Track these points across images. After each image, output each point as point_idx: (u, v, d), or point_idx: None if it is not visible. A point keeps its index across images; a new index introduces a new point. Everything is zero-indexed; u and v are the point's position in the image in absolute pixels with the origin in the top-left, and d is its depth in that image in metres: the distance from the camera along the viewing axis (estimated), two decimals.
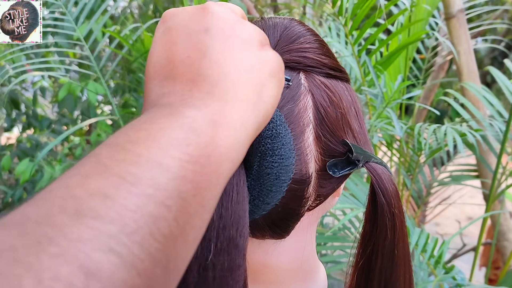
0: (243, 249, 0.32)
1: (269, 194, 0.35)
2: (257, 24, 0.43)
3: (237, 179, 0.33)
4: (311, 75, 0.40)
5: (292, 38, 0.41)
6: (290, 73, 0.40)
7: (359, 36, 1.40)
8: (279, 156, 0.35)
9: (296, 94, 0.39)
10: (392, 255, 0.41)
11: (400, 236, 0.41)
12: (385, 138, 1.70)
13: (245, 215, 0.33)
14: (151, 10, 2.80)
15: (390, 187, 0.40)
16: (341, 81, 0.42)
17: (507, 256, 1.66)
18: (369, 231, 0.42)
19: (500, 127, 1.50)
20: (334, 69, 0.42)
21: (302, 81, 0.40)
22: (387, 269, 0.41)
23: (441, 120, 4.07)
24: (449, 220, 3.81)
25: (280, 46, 0.40)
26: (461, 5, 1.66)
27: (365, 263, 0.42)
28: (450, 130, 1.34)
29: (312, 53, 0.41)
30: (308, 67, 0.40)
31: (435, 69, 2.33)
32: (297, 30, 0.42)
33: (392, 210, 0.40)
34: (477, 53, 4.47)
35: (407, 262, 0.43)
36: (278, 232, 0.40)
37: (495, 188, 1.51)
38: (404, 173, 1.79)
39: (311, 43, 0.41)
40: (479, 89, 1.60)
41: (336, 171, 0.39)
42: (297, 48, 0.40)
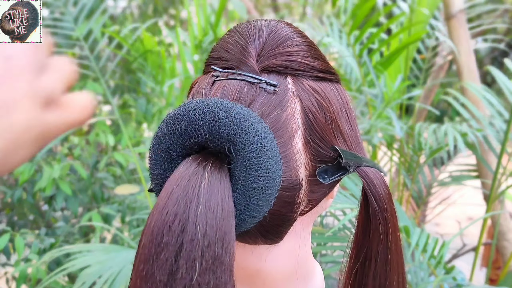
0: (229, 265, 0.31)
1: (256, 208, 0.34)
2: (242, 27, 0.42)
3: (222, 194, 0.33)
4: (299, 79, 0.39)
5: (279, 41, 0.40)
6: (277, 77, 0.39)
7: (359, 37, 1.40)
8: (264, 170, 0.34)
9: (283, 100, 0.38)
10: (386, 260, 0.41)
11: (393, 241, 0.41)
12: (385, 138, 1.70)
13: (231, 231, 0.32)
14: (150, 10, 2.80)
15: (382, 191, 0.40)
16: (331, 82, 0.41)
17: (507, 256, 1.66)
18: (362, 236, 0.41)
19: (500, 127, 1.50)
20: (323, 71, 0.41)
21: (289, 86, 0.39)
22: (381, 275, 0.41)
23: (441, 120, 4.06)
24: (449, 220, 3.81)
25: (266, 50, 0.39)
26: (461, 5, 1.66)
27: (358, 269, 0.42)
28: (451, 129, 1.34)
29: (299, 56, 0.40)
30: (296, 71, 0.39)
31: (435, 69, 2.32)
32: (284, 32, 0.41)
33: (385, 215, 0.39)
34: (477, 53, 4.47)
35: (401, 266, 0.42)
36: (270, 238, 0.39)
37: (495, 188, 1.50)
38: (404, 173, 1.79)
39: (298, 46, 0.40)
40: (479, 88, 1.60)
41: (326, 177, 0.39)
42: (284, 51, 0.39)
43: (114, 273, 1.12)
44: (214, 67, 0.40)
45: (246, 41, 0.40)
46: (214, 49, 0.43)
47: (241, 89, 0.38)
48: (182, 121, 0.35)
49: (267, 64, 0.39)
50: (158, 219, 0.32)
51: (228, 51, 0.41)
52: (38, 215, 2.13)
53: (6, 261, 1.93)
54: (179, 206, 0.32)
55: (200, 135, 0.34)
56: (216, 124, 0.34)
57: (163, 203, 0.32)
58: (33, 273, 1.48)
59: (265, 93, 0.38)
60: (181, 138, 0.35)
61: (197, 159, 0.34)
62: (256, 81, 0.38)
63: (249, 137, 0.34)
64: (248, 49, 0.39)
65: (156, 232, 0.31)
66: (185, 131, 0.35)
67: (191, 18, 1.82)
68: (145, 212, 1.87)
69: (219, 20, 1.63)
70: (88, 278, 1.11)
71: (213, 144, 0.35)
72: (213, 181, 0.33)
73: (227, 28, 2.45)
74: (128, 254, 1.23)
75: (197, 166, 0.34)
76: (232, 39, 0.41)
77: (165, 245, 0.31)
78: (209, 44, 1.70)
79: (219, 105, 0.34)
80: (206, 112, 0.34)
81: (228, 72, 0.39)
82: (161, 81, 1.74)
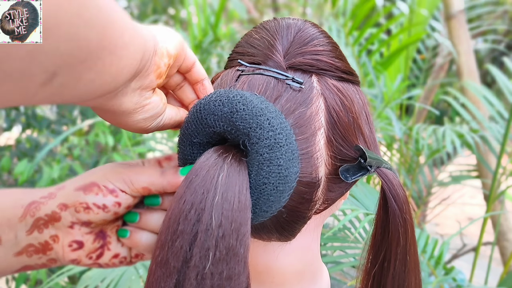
0: (243, 257, 0.32)
1: (267, 203, 0.35)
2: (270, 24, 0.43)
3: (240, 186, 0.33)
4: (323, 78, 0.40)
5: (306, 40, 0.41)
6: (302, 75, 0.39)
7: (358, 37, 1.40)
8: (276, 167, 0.34)
9: (308, 98, 0.38)
10: (405, 261, 0.41)
11: (411, 242, 0.41)
12: (385, 138, 1.70)
13: (247, 223, 0.32)
14: (150, 10, 2.80)
15: (401, 192, 0.40)
16: (352, 84, 0.42)
17: (507, 256, 1.66)
18: (381, 237, 0.41)
19: (500, 127, 1.50)
20: (346, 72, 0.41)
21: (314, 84, 0.39)
22: (400, 276, 0.41)
23: (441, 120, 4.06)
24: (449, 220, 3.81)
25: (293, 48, 0.40)
26: (461, 5, 1.66)
27: (376, 270, 0.42)
28: (449, 131, 1.34)
29: (325, 56, 0.40)
30: (321, 70, 0.40)
31: (435, 69, 2.33)
32: (310, 32, 0.41)
33: (404, 216, 0.40)
34: (477, 53, 4.47)
35: (417, 267, 0.42)
36: (285, 234, 0.40)
37: (495, 188, 1.50)
38: (404, 174, 1.79)
39: (324, 46, 0.41)
40: (479, 88, 1.60)
41: (348, 176, 0.39)
42: (310, 50, 0.40)
43: (117, 276, 1.12)
44: (241, 61, 0.41)
45: (273, 38, 0.41)
46: (239, 44, 0.44)
47: (267, 84, 0.38)
48: (203, 110, 0.36)
49: (294, 62, 0.39)
50: (176, 207, 0.32)
51: (254, 46, 0.42)
52: None
53: None
54: (196, 196, 0.32)
55: (219, 125, 0.35)
56: (233, 116, 0.34)
57: (181, 192, 0.33)
58: (33, 274, 1.47)
59: (291, 90, 0.38)
60: (201, 126, 0.36)
61: (218, 150, 0.35)
62: (283, 77, 0.38)
63: (263, 132, 0.34)
64: (276, 46, 0.40)
65: (173, 220, 0.32)
66: (205, 120, 0.36)
67: (191, 18, 1.82)
68: None
69: (219, 20, 1.63)
70: (90, 281, 1.11)
71: (231, 136, 0.35)
72: (232, 173, 0.33)
73: (227, 28, 2.45)
74: None
75: (217, 158, 0.34)
76: (259, 35, 0.42)
77: (180, 233, 0.32)
78: (209, 44, 1.70)
79: (239, 97, 0.35)
80: (225, 104, 0.35)
81: (255, 67, 0.40)
82: None
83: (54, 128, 2.37)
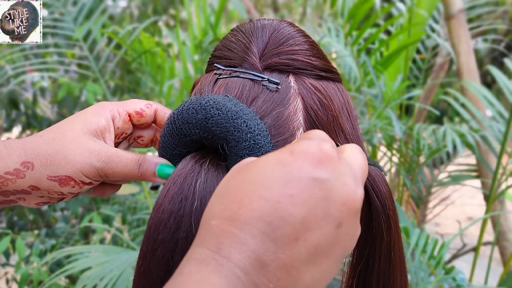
0: None
1: None
2: (245, 26, 0.43)
3: None
4: (301, 78, 0.40)
5: (281, 40, 0.41)
6: (279, 76, 0.39)
7: (358, 37, 1.40)
8: None
9: (286, 98, 0.38)
10: (389, 257, 0.41)
11: (395, 238, 0.41)
12: (385, 138, 1.70)
13: None
14: (150, 10, 2.80)
15: (383, 188, 0.40)
16: (332, 82, 0.42)
17: (507, 256, 1.66)
18: (365, 234, 0.41)
19: (500, 127, 1.50)
20: (325, 70, 0.41)
21: (291, 84, 0.39)
22: (385, 272, 0.41)
23: (441, 120, 4.06)
24: (449, 220, 3.81)
25: (269, 48, 0.40)
26: (461, 5, 1.66)
27: (362, 267, 0.42)
28: (449, 131, 1.34)
29: (301, 55, 0.40)
30: (298, 70, 0.40)
31: (435, 69, 2.32)
32: (286, 32, 0.41)
33: (387, 212, 0.40)
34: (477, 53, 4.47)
35: (403, 263, 0.42)
36: None
37: (495, 188, 1.50)
38: (404, 174, 1.79)
39: (300, 45, 0.41)
40: (479, 88, 1.60)
41: None
42: (286, 50, 0.40)
43: (115, 276, 1.12)
44: (217, 65, 0.41)
45: (249, 40, 0.41)
46: (217, 48, 0.44)
47: (243, 87, 0.38)
48: (177, 120, 0.36)
49: (270, 63, 0.40)
50: (155, 216, 0.33)
51: (231, 49, 0.42)
52: (38, 215, 2.13)
53: (6, 262, 1.93)
54: (174, 204, 0.32)
55: (194, 133, 0.35)
56: (208, 122, 0.34)
57: (160, 201, 0.33)
58: (35, 276, 1.47)
59: (268, 91, 0.38)
60: (177, 137, 0.36)
61: (195, 157, 0.35)
62: (258, 79, 0.38)
63: (242, 135, 0.34)
64: (251, 48, 0.40)
65: (153, 229, 0.32)
66: (181, 130, 0.36)
67: (191, 18, 1.82)
68: (146, 212, 1.87)
69: (219, 20, 1.63)
70: (89, 281, 1.11)
71: (208, 142, 0.35)
72: (210, 178, 0.33)
73: (227, 28, 2.45)
74: (128, 256, 1.23)
75: (194, 164, 0.34)
76: (235, 38, 0.42)
77: (160, 242, 0.32)
78: (209, 44, 1.70)
79: (212, 102, 0.35)
80: (198, 111, 0.35)
81: (231, 70, 0.40)
82: (161, 82, 1.74)
83: None
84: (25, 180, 0.38)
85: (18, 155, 0.38)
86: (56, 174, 0.38)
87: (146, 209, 1.95)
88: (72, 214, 2.11)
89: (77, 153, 0.38)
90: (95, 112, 0.41)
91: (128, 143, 0.46)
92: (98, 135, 0.40)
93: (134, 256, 1.22)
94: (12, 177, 0.38)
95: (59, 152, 0.38)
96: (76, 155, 0.38)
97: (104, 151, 0.39)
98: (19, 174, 0.38)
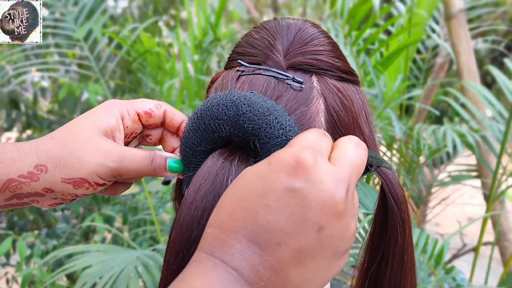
0: None
1: None
2: (270, 24, 0.43)
3: None
4: (323, 78, 0.40)
5: (306, 40, 0.41)
6: (303, 75, 0.39)
7: (357, 38, 1.40)
8: None
9: (309, 98, 0.38)
10: (402, 261, 0.41)
11: (409, 242, 0.41)
12: (385, 138, 1.70)
13: None
14: (151, 11, 2.80)
15: (400, 192, 0.40)
16: (352, 84, 0.42)
17: (507, 256, 1.66)
18: (379, 237, 0.41)
19: (500, 127, 1.50)
20: (346, 72, 0.42)
21: (314, 84, 0.39)
22: (397, 275, 0.41)
23: (441, 120, 4.06)
24: (449, 220, 3.80)
25: (293, 47, 0.40)
26: (461, 5, 1.66)
27: (374, 270, 0.42)
28: (450, 131, 1.34)
29: (325, 55, 0.40)
30: (321, 70, 0.40)
31: (435, 69, 2.32)
32: (311, 32, 0.41)
33: (403, 216, 0.39)
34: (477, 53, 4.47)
35: (414, 267, 0.42)
36: None
37: (495, 188, 1.50)
38: (404, 173, 1.79)
39: (324, 46, 0.41)
40: (479, 88, 1.60)
41: None
42: (310, 50, 0.40)
43: (115, 274, 1.12)
44: (241, 61, 0.41)
45: (274, 38, 0.41)
46: (239, 45, 0.44)
47: (268, 84, 0.38)
48: (205, 116, 0.36)
49: (294, 62, 0.40)
50: (187, 213, 0.32)
51: (254, 46, 0.42)
52: (38, 215, 2.13)
53: (6, 262, 1.93)
54: (208, 201, 0.32)
55: (224, 129, 0.35)
56: (240, 118, 0.34)
57: (191, 198, 0.33)
58: (37, 276, 1.48)
59: (291, 89, 0.38)
60: (204, 133, 0.36)
61: (224, 153, 0.35)
62: (283, 77, 0.38)
63: (274, 131, 0.34)
64: (276, 46, 0.40)
65: (186, 226, 0.32)
66: (209, 126, 0.35)
67: (191, 18, 1.82)
68: (146, 212, 1.87)
69: (219, 20, 1.63)
70: (89, 278, 1.11)
71: (238, 138, 0.35)
72: None
73: (227, 28, 2.45)
74: (129, 255, 1.23)
75: (224, 161, 0.34)
76: (259, 35, 0.42)
77: (195, 240, 0.31)
78: (209, 44, 1.70)
79: (242, 99, 0.35)
80: (229, 107, 0.35)
81: (255, 67, 0.40)
82: (161, 82, 1.74)
83: (54, 128, 2.38)
84: (39, 183, 0.38)
85: (31, 158, 0.38)
86: (71, 177, 0.38)
87: (147, 209, 1.95)
88: (73, 214, 2.12)
89: (91, 155, 0.38)
90: (105, 111, 0.41)
91: (137, 141, 0.46)
92: (109, 135, 0.40)
93: (134, 255, 1.22)
94: (26, 180, 0.38)
95: (72, 154, 0.38)
96: (90, 157, 0.38)
97: (117, 151, 0.39)
98: (33, 177, 0.38)
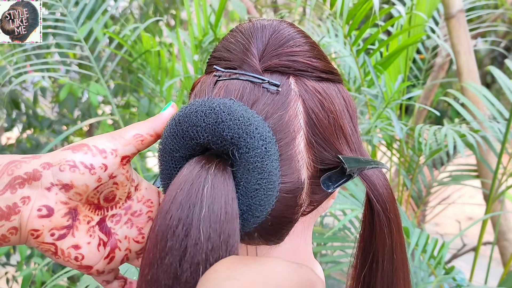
0: None
1: (259, 208, 0.35)
2: (244, 27, 0.42)
3: (226, 197, 0.33)
4: (301, 80, 0.39)
5: (282, 42, 0.40)
6: (279, 78, 0.38)
7: (357, 38, 1.40)
8: (267, 173, 0.34)
9: (286, 101, 0.37)
10: (392, 260, 0.41)
11: (397, 240, 0.41)
12: (385, 138, 1.70)
13: (235, 234, 0.32)
14: (151, 11, 2.80)
15: (384, 192, 0.39)
16: (333, 83, 0.41)
17: (507, 256, 1.66)
18: (368, 239, 0.41)
19: (500, 127, 1.50)
20: (325, 72, 0.41)
21: (292, 86, 0.38)
22: (388, 274, 0.41)
23: (441, 120, 4.07)
24: (449, 220, 3.81)
25: (268, 50, 0.39)
26: (461, 5, 1.66)
27: (366, 272, 0.42)
28: (450, 131, 1.34)
29: (302, 56, 0.39)
30: (298, 71, 0.39)
31: (435, 69, 2.33)
32: (286, 32, 0.40)
33: (388, 215, 0.39)
34: (477, 53, 4.47)
35: (405, 264, 0.42)
36: (271, 239, 0.39)
37: (496, 188, 1.50)
38: (404, 173, 1.79)
39: (301, 46, 0.40)
40: (479, 88, 1.60)
41: (330, 184, 0.38)
42: (286, 52, 0.39)
43: None
44: (216, 67, 0.40)
45: (248, 41, 0.40)
46: (216, 49, 0.43)
47: (243, 89, 0.37)
48: (184, 123, 0.35)
49: (270, 64, 0.39)
50: (162, 223, 0.32)
51: (230, 50, 0.41)
52: None
53: (6, 261, 1.93)
54: (183, 211, 0.32)
55: (202, 136, 0.34)
56: (219, 126, 0.34)
57: (166, 208, 0.32)
58: (38, 277, 1.48)
59: (268, 93, 0.37)
60: (182, 140, 0.35)
61: (200, 161, 0.34)
62: (259, 81, 0.38)
63: (254, 142, 0.34)
64: (251, 49, 0.39)
65: (160, 236, 0.32)
66: (187, 132, 0.35)
67: (191, 18, 1.82)
68: None
69: (219, 20, 1.63)
70: (91, 281, 1.11)
71: (216, 146, 0.35)
72: (217, 184, 0.33)
73: (227, 28, 2.45)
74: None
75: (200, 169, 0.34)
76: (235, 39, 0.41)
77: (169, 250, 0.31)
78: (209, 44, 1.70)
79: (222, 106, 0.34)
80: (208, 114, 0.34)
81: (231, 72, 0.39)
82: (161, 81, 1.74)
83: (54, 128, 2.38)
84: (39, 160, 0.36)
85: None
86: (70, 145, 0.38)
87: None
88: None
89: None
90: None
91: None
92: None
93: None
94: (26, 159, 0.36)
95: None
96: None
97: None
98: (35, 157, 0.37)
